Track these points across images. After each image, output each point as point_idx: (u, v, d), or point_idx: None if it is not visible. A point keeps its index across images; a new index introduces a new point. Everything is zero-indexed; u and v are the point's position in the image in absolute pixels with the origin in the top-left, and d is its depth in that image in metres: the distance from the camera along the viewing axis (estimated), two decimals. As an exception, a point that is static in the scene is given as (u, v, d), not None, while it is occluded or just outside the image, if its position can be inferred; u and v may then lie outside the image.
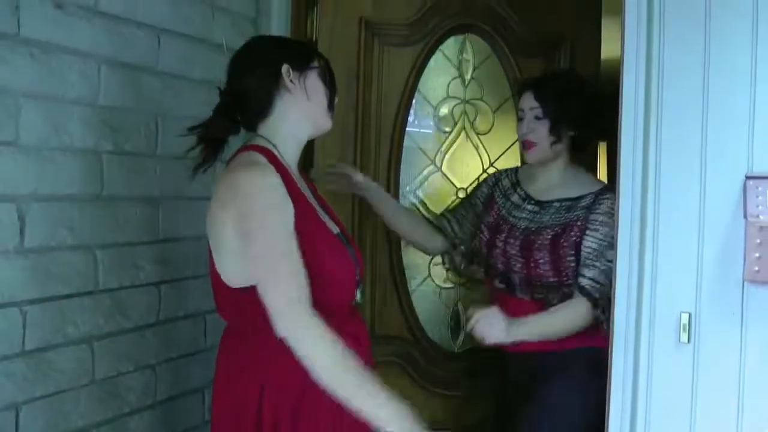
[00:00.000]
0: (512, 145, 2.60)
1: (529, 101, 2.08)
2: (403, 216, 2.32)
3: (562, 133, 2.06)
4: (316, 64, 1.67)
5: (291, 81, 1.61)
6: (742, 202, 1.60)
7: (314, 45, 1.83)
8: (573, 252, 2.01)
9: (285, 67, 1.61)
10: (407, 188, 2.57)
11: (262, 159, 1.57)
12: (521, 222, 2.11)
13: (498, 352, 2.11)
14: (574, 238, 2.02)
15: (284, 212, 1.49)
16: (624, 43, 1.73)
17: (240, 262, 1.51)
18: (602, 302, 1.95)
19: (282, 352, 1.45)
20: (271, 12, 2.39)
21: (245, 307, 1.54)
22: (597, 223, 2.00)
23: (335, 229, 1.67)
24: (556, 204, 2.09)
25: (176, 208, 2.07)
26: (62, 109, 1.70)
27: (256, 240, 1.47)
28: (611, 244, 1.87)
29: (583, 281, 1.98)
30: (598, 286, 1.96)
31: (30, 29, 1.61)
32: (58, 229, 1.71)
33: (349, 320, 1.63)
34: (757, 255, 1.55)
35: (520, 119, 2.12)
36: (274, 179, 1.51)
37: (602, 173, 4.82)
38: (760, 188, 1.58)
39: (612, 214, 1.92)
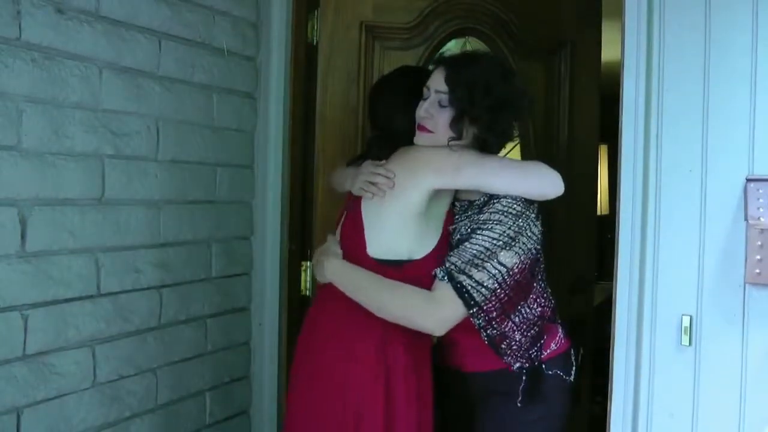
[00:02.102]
0: (513, 147, 2.59)
1: (437, 81, 1.74)
2: None
3: (463, 130, 1.73)
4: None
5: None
6: (742, 204, 1.60)
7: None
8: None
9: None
10: (408, 191, 2.56)
11: None
12: (461, 226, 1.80)
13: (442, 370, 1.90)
14: (458, 237, 1.76)
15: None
16: (624, 46, 1.73)
17: (408, 234, 1.74)
18: (478, 312, 1.67)
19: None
20: (272, 16, 2.40)
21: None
22: (491, 222, 1.70)
23: None
24: (479, 201, 1.78)
25: (177, 212, 2.08)
26: (63, 113, 1.71)
27: (473, 166, 1.75)
28: (507, 245, 1.67)
29: (462, 277, 1.66)
30: (482, 290, 1.66)
31: (31, 34, 1.61)
32: (60, 233, 1.71)
33: None
34: (758, 257, 1.55)
35: (424, 98, 1.77)
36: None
37: (603, 176, 4.83)
38: (760, 190, 1.58)
39: (509, 213, 1.70)
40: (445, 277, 1.68)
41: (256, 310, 2.43)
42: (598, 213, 3.28)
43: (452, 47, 2.55)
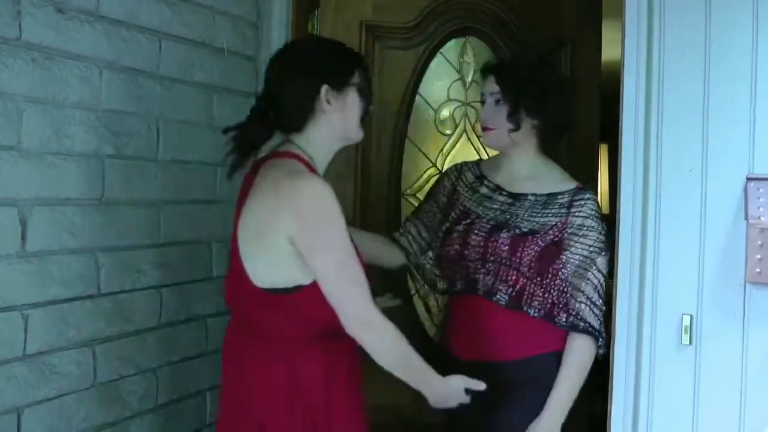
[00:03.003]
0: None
1: (490, 85, 1.95)
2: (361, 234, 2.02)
3: (521, 119, 1.90)
4: (356, 79, 1.66)
5: (328, 102, 1.62)
6: (743, 203, 1.60)
7: (355, 52, 1.71)
8: (543, 250, 1.85)
9: (324, 88, 1.61)
10: (408, 191, 2.57)
11: (305, 169, 1.59)
12: (490, 212, 1.95)
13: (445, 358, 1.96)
14: (552, 237, 1.86)
15: (343, 221, 1.55)
16: (624, 45, 1.73)
17: (288, 266, 1.55)
18: (602, 330, 1.82)
19: (310, 352, 1.58)
20: (272, 16, 2.40)
21: (275, 309, 1.58)
22: (585, 228, 1.85)
23: None
24: (531, 198, 1.94)
25: (177, 212, 2.08)
26: (64, 113, 1.71)
27: (329, 251, 1.54)
28: (602, 250, 1.82)
29: (578, 322, 1.81)
30: (597, 313, 1.82)
31: (31, 34, 1.61)
32: (60, 233, 1.71)
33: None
34: (758, 257, 1.55)
35: (482, 102, 1.99)
36: (329, 188, 1.54)
37: (603, 175, 4.83)
38: (761, 189, 1.58)
39: (597, 216, 1.86)
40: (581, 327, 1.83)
41: (256, 309, 2.42)
42: (599, 212, 3.28)
43: (452, 47, 2.55)
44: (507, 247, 1.86)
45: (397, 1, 2.43)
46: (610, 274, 1.85)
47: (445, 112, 2.59)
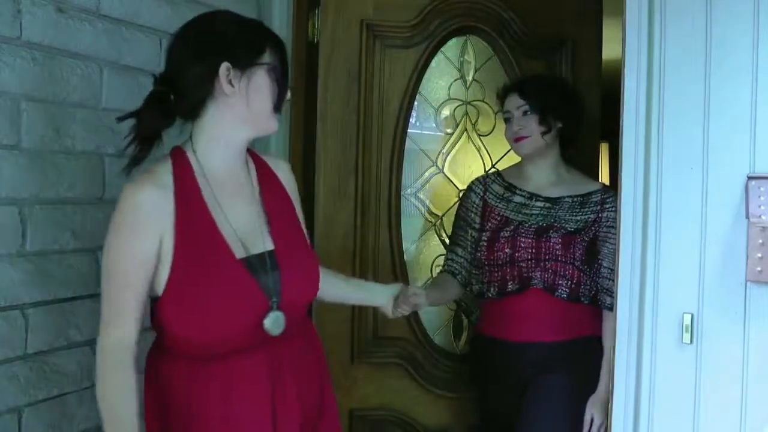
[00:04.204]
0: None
1: (515, 101, 2.19)
2: (437, 290, 2.23)
3: (551, 123, 2.16)
4: (266, 59, 1.44)
5: (230, 83, 1.40)
6: (743, 202, 1.60)
7: (267, 29, 1.49)
8: (589, 245, 2.11)
9: (224, 66, 1.39)
10: (409, 190, 2.57)
11: (163, 167, 1.42)
12: (532, 218, 2.15)
13: (490, 342, 2.17)
14: (593, 233, 2.12)
15: (137, 237, 1.36)
16: (625, 44, 1.73)
17: None
18: None
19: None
20: (272, 15, 2.40)
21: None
22: (613, 221, 2.04)
23: (243, 253, 1.43)
24: (568, 200, 2.17)
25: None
26: (64, 112, 1.71)
27: (103, 255, 1.39)
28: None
29: (609, 300, 2.05)
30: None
31: (32, 33, 1.61)
32: (60, 232, 1.71)
33: (256, 351, 1.43)
34: (759, 255, 1.55)
35: (507, 120, 2.22)
36: (143, 197, 1.36)
37: (604, 174, 4.83)
38: (762, 188, 1.58)
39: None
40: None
41: (257, 308, 2.42)
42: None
43: (453, 46, 2.55)
44: (560, 246, 2.08)
45: (397, 0, 2.43)
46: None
47: (445, 111, 2.59)
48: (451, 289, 2.26)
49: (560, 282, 2.08)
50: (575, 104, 2.24)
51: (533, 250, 2.10)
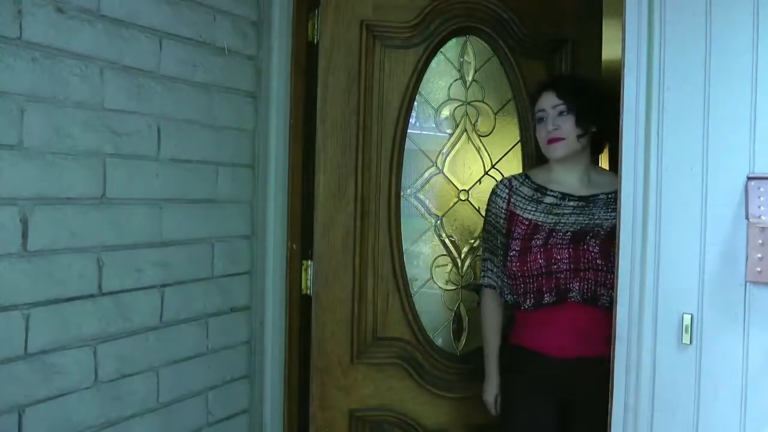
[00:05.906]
0: (514, 146, 2.60)
1: (550, 100, 2.11)
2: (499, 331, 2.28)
3: (587, 125, 2.09)
4: None
5: None
6: (743, 202, 1.60)
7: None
8: None
9: None
10: (408, 190, 2.57)
11: None
12: (564, 219, 2.09)
13: (530, 355, 2.11)
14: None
15: None
16: (625, 44, 1.73)
17: None
18: None
19: None
20: (272, 15, 2.40)
21: None
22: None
23: None
24: (603, 197, 2.11)
25: (178, 211, 2.08)
26: (64, 112, 1.71)
27: None
28: None
29: None
30: None
31: (32, 33, 1.61)
32: (61, 232, 1.71)
33: None
34: (759, 256, 1.55)
35: (540, 119, 2.14)
36: None
37: (604, 175, 4.83)
38: (761, 189, 1.58)
39: None
40: None
41: (257, 309, 2.43)
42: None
43: (452, 46, 2.55)
44: (598, 253, 2.03)
45: (397, 1, 2.42)
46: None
47: (445, 112, 2.59)
48: (500, 308, 2.25)
49: (602, 291, 2.03)
50: (612, 108, 2.11)
51: (570, 260, 2.04)
